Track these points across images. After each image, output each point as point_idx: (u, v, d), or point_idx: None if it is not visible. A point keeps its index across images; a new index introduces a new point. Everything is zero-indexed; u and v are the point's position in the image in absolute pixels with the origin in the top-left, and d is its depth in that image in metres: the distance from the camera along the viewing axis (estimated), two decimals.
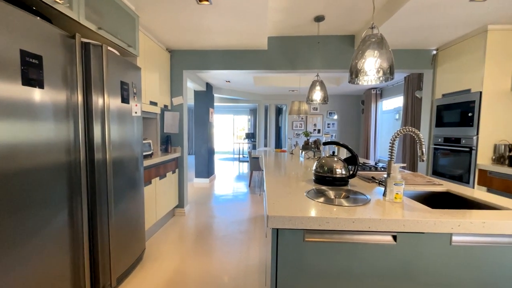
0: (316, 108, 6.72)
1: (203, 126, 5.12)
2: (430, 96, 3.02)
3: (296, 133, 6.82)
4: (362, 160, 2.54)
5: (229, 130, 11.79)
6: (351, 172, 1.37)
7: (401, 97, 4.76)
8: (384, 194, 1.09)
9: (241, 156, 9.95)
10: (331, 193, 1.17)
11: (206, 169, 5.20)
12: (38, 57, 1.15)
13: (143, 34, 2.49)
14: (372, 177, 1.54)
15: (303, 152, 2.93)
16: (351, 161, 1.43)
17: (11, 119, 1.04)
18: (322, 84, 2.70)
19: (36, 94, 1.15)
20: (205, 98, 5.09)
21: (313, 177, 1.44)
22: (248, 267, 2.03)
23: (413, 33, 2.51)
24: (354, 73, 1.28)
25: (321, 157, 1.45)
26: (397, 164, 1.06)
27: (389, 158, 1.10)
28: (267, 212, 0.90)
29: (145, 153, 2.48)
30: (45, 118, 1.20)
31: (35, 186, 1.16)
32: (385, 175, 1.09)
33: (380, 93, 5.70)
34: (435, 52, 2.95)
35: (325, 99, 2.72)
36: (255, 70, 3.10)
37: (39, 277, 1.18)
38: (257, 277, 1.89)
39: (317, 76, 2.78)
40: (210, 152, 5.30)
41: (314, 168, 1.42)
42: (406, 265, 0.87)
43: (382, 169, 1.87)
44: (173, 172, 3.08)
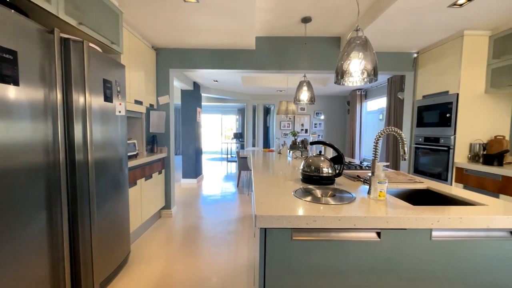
0: (303, 108, 6.81)
1: (190, 125, 5.04)
2: (411, 97, 3.14)
3: (284, 133, 6.88)
4: (348, 159, 2.60)
5: (217, 130, 11.70)
6: (337, 171, 1.40)
7: (385, 98, 4.92)
8: (369, 192, 1.12)
9: (229, 156, 9.90)
10: (318, 192, 1.19)
11: (193, 170, 5.13)
12: (13, 53, 1.09)
13: (128, 31, 2.42)
14: (357, 176, 1.58)
15: (291, 151, 2.96)
16: (337, 160, 1.46)
17: None
18: (309, 85, 2.73)
19: (11, 91, 1.08)
20: (192, 97, 5.02)
21: (301, 177, 1.46)
22: (237, 267, 2.02)
23: (395, 36, 2.60)
24: (340, 74, 1.31)
25: (308, 156, 1.48)
26: (381, 163, 1.09)
27: (373, 157, 1.13)
28: (255, 212, 0.90)
29: (129, 154, 2.41)
30: (21, 117, 1.13)
31: (9, 188, 1.09)
32: (370, 174, 1.13)
33: (365, 94, 5.86)
34: (415, 55, 3.08)
35: (312, 100, 2.76)
36: (243, 70, 3.09)
37: (13, 287, 1.12)
38: (245, 277, 1.89)
39: (304, 76, 2.82)
40: (198, 152, 5.24)
41: (302, 167, 1.44)
42: (390, 260, 0.90)
43: (367, 167, 1.93)
44: (160, 172, 3.01)
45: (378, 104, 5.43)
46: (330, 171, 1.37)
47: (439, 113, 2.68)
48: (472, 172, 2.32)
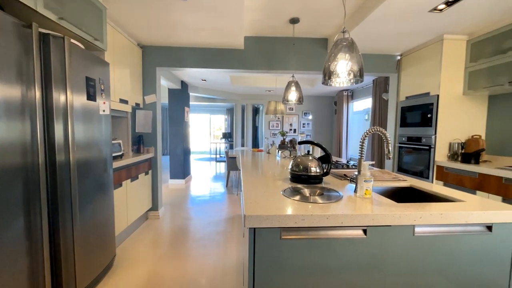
0: (292, 108, 6.87)
1: (178, 125, 4.96)
2: (395, 98, 3.25)
3: (272, 133, 6.91)
4: (335, 159, 2.65)
5: (206, 130, 11.58)
6: (325, 170, 1.43)
7: (370, 99, 5.06)
8: (355, 190, 1.15)
9: (218, 156, 9.83)
10: (307, 191, 1.21)
11: (181, 170, 5.05)
12: None
13: (112, 28, 2.34)
14: (344, 175, 1.61)
15: (280, 151, 2.98)
16: (325, 159, 1.48)
17: None
18: (297, 85, 2.76)
19: None
20: (180, 96, 4.94)
21: (289, 176, 1.47)
22: (226, 268, 2.01)
23: (380, 39, 2.68)
24: (327, 74, 1.33)
25: (296, 156, 1.49)
26: (366, 162, 1.12)
27: (359, 156, 1.16)
28: (244, 212, 0.90)
29: (114, 154, 2.34)
30: None
31: None
32: (356, 173, 1.15)
33: (351, 94, 6.00)
34: (399, 57, 3.18)
35: (300, 100, 2.79)
36: (232, 69, 3.08)
37: None
38: (234, 278, 1.88)
39: (293, 77, 2.85)
40: (186, 152, 5.16)
41: (290, 167, 1.45)
42: (375, 256, 0.93)
43: (353, 166, 1.97)
44: (146, 173, 2.94)
45: (364, 104, 5.58)
46: (318, 170, 1.39)
47: (421, 113, 2.79)
48: (452, 170, 2.43)
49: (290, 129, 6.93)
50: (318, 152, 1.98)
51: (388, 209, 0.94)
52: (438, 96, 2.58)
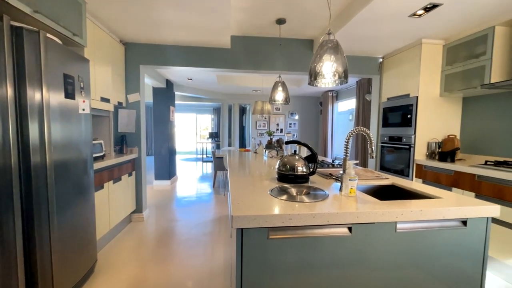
0: (278, 108, 6.93)
1: (163, 125, 4.85)
2: (377, 99, 3.36)
3: (259, 133, 6.93)
4: (321, 158, 2.70)
5: (192, 130, 11.40)
6: (311, 170, 1.45)
7: (354, 100, 5.21)
8: (341, 189, 1.18)
9: (204, 156, 9.71)
10: (293, 190, 1.22)
11: (167, 171, 4.93)
12: None
13: (92, 23, 2.24)
14: (330, 174, 1.64)
15: (267, 151, 3.00)
16: (311, 159, 1.51)
17: None
18: (284, 85, 2.79)
19: None
20: (165, 95, 4.82)
21: (276, 176, 1.48)
22: (213, 269, 1.99)
23: (363, 41, 2.76)
24: (313, 75, 1.35)
25: (283, 156, 1.50)
26: (351, 161, 1.15)
27: (344, 156, 1.19)
28: (231, 212, 0.89)
29: (95, 155, 2.24)
30: None
31: None
32: (341, 172, 1.18)
33: (336, 95, 6.14)
34: (381, 60, 3.30)
35: (287, 100, 2.81)
36: (218, 68, 3.05)
37: None
38: (222, 279, 1.87)
39: (279, 77, 2.87)
40: (171, 153, 5.05)
41: (277, 166, 1.46)
42: (360, 253, 0.96)
43: (339, 166, 2.02)
44: (130, 174, 2.85)
45: (348, 105, 5.73)
46: (304, 170, 1.41)
47: (402, 114, 2.91)
48: (430, 168, 2.56)
49: (277, 129, 6.98)
50: (305, 152, 2.01)
51: (372, 207, 0.97)
52: (417, 97, 2.70)
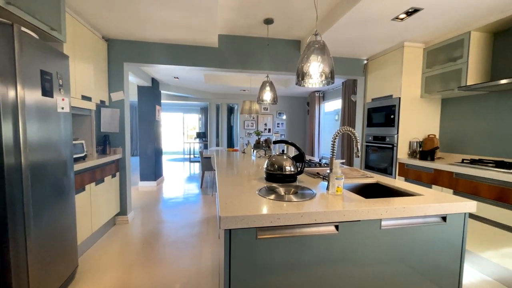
0: (266, 108, 6.95)
1: (148, 124, 4.72)
2: (362, 99, 3.45)
3: (248, 132, 6.92)
4: (308, 157, 2.74)
5: (179, 129, 11.20)
6: (299, 169, 1.46)
7: (340, 100, 5.32)
8: (328, 188, 1.20)
9: (192, 156, 9.57)
10: (281, 190, 1.22)
11: (152, 171, 4.82)
12: None
13: (72, 18, 2.14)
14: (317, 173, 1.67)
15: (255, 151, 3.00)
16: (299, 158, 1.52)
17: None
18: (271, 85, 2.80)
19: None
20: (150, 94, 4.70)
21: (265, 175, 1.48)
22: (201, 271, 1.96)
23: (349, 43, 2.82)
24: (301, 75, 1.37)
25: (271, 155, 1.51)
26: (337, 160, 1.17)
27: (331, 155, 1.21)
28: (219, 213, 0.88)
29: (76, 156, 2.15)
30: None
31: None
32: (328, 171, 1.20)
33: (323, 96, 6.25)
34: (366, 61, 3.39)
35: (274, 100, 2.83)
36: (205, 67, 3.01)
37: None
38: (210, 280, 1.84)
39: (267, 77, 2.87)
40: (158, 153, 4.94)
41: (265, 166, 1.46)
42: (346, 250, 0.98)
43: (326, 165, 2.06)
44: (113, 176, 2.75)
45: (334, 105, 5.85)
46: (292, 169, 1.42)
47: (385, 114, 3.00)
48: (411, 167, 2.66)
49: (265, 129, 7.00)
50: (292, 151, 2.03)
51: (358, 205, 0.99)
52: (399, 98, 2.80)
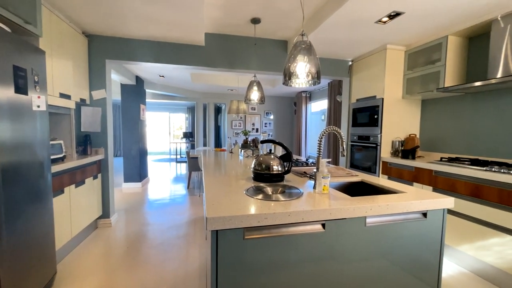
0: (254, 108, 6.95)
1: (133, 124, 4.58)
2: (347, 100, 3.53)
3: (235, 132, 6.89)
4: (296, 157, 2.76)
5: (165, 129, 10.95)
6: (286, 168, 1.47)
7: (326, 101, 5.42)
8: (314, 186, 1.21)
9: (178, 156, 9.39)
10: (269, 189, 1.22)
11: (137, 172, 4.68)
12: None
13: (49, 11, 2.03)
14: (304, 172, 1.68)
15: (242, 150, 2.98)
16: (286, 158, 1.53)
17: None
18: (259, 85, 2.80)
19: None
20: (135, 93, 4.56)
21: (252, 175, 1.48)
22: (188, 273, 1.93)
23: (334, 45, 2.88)
24: (288, 75, 1.37)
25: (259, 155, 1.50)
26: (324, 159, 1.19)
27: (317, 154, 1.22)
28: (206, 214, 0.87)
29: (54, 157, 2.04)
30: None
31: None
32: (315, 170, 1.21)
33: (309, 96, 6.34)
34: (350, 62, 3.47)
35: (262, 99, 2.83)
36: (192, 66, 2.96)
37: None
38: (197, 282, 1.81)
39: (255, 76, 2.87)
40: (142, 153, 4.80)
41: (253, 166, 1.46)
42: (333, 248, 0.99)
43: (312, 164, 2.08)
44: (95, 177, 2.64)
45: (321, 105, 5.95)
46: (279, 169, 1.42)
47: (369, 114, 3.09)
48: (394, 165, 2.75)
49: (253, 129, 7.00)
50: (280, 151, 2.04)
51: (344, 203, 1.01)
52: (382, 99, 2.89)
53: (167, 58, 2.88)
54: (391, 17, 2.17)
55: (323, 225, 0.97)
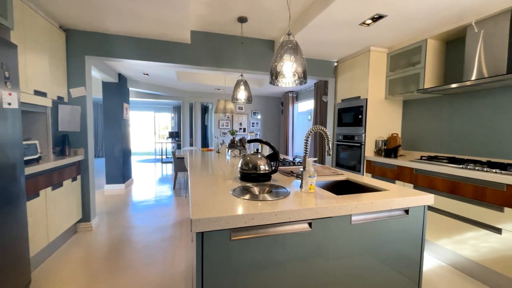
0: (241, 107, 6.92)
1: (115, 123, 4.41)
2: (333, 100, 3.60)
3: (222, 132, 6.83)
4: (283, 156, 2.77)
5: (150, 129, 10.67)
6: (273, 168, 1.47)
7: (312, 101, 5.50)
8: (301, 186, 1.21)
9: (164, 156, 9.18)
10: (256, 189, 1.21)
11: (120, 173, 4.51)
12: None
13: (21, 2, 1.91)
14: (291, 171, 1.69)
15: (230, 150, 2.96)
16: (273, 157, 1.53)
17: None
18: (246, 84, 2.78)
19: None
20: (117, 91, 4.40)
21: (239, 175, 1.46)
22: (174, 276, 1.88)
23: (320, 45, 2.92)
24: (274, 74, 1.37)
25: (246, 154, 1.49)
26: (310, 158, 1.19)
27: (304, 154, 1.23)
28: (191, 216, 0.84)
29: (28, 158, 1.92)
30: None
31: None
32: (302, 169, 1.22)
33: (296, 96, 6.40)
34: (336, 63, 3.54)
35: (249, 99, 2.82)
36: (177, 64, 2.90)
37: None
38: (183, 285, 1.77)
39: (242, 75, 2.85)
40: (126, 154, 4.64)
41: (240, 165, 1.45)
42: (319, 246, 1.00)
43: (299, 163, 2.10)
44: (74, 179, 2.52)
45: (307, 106, 6.02)
46: (266, 168, 1.42)
47: (354, 114, 3.16)
48: (377, 164, 2.83)
49: (240, 128, 6.97)
50: (267, 150, 2.03)
51: (330, 202, 1.02)
52: (366, 99, 2.96)
53: (151, 56, 2.80)
54: (374, 19, 2.22)
55: (310, 224, 0.98)
